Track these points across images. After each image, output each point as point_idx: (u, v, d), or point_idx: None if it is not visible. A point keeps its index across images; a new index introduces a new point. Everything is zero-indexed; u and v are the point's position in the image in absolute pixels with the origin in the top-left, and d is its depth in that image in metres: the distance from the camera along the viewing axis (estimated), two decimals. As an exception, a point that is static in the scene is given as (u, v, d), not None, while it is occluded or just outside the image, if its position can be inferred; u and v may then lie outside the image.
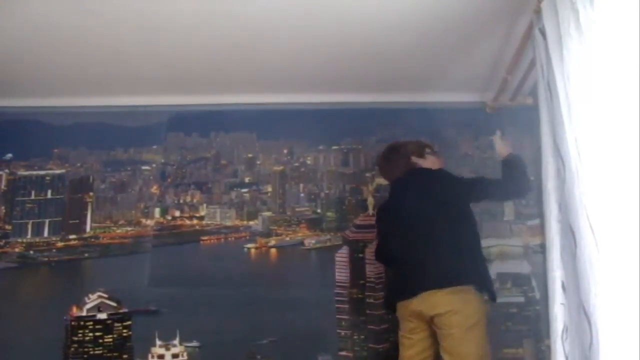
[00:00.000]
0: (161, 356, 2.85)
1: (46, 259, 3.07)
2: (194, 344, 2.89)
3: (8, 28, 2.43)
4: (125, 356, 2.87)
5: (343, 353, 2.93)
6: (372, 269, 3.01)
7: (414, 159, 2.41)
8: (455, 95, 3.17)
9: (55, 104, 3.17)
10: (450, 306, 2.02)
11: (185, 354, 2.87)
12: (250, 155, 3.36)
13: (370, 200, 3.17)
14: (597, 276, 1.47)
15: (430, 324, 2.10)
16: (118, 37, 2.54)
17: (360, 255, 3.05)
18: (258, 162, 3.34)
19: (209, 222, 3.22)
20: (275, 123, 3.30)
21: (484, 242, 3.07)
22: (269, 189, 3.28)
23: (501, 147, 2.43)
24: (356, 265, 3.04)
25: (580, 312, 1.52)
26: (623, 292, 1.41)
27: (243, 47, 2.65)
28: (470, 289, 2.07)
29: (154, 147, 3.32)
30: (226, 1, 2.29)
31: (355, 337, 2.94)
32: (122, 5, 2.29)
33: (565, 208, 1.70)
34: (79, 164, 3.26)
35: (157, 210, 3.22)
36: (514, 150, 2.38)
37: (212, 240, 3.18)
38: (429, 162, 2.41)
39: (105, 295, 2.94)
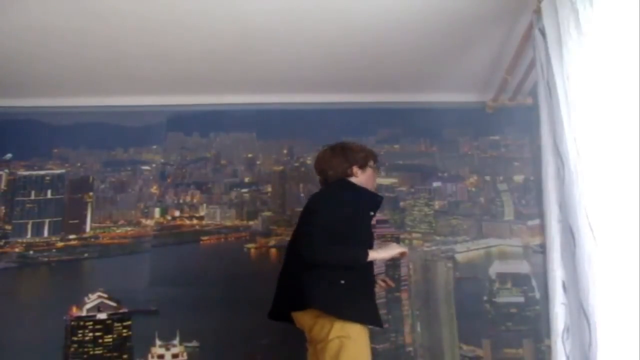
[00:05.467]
0: (161, 356, 2.85)
1: (46, 259, 3.06)
2: (194, 344, 2.88)
3: (8, 29, 2.43)
4: (125, 356, 2.87)
5: (343, 353, 2.92)
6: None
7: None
8: (455, 95, 3.17)
9: (55, 104, 3.18)
10: None
11: (185, 354, 2.86)
12: (250, 155, 3.36)
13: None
14: (596, 276, 1.47)
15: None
16: (118, 38, 2.54)
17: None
18: (258, 162, 3.34)
19: (208, 222, 3.21)
20: (275, 123, 3.30)
21: (484, 242, 3.11)
22: (269, 189, 3.27)
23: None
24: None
25: (580, 312, 1.52)
26: (622, 292, 1.41)
27: (243, 47, 2.65)
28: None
29: (154, 147, 3.32)
30: (226, 2, 2.29)
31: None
32: (122, 6, 2.29)
33: (564, 208, 1.70)
34: (79, 164, 3.26)
35: (157, 210, 3.22)
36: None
37: (212, 240, 3.18)
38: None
39: (105, 295, 2.93)
